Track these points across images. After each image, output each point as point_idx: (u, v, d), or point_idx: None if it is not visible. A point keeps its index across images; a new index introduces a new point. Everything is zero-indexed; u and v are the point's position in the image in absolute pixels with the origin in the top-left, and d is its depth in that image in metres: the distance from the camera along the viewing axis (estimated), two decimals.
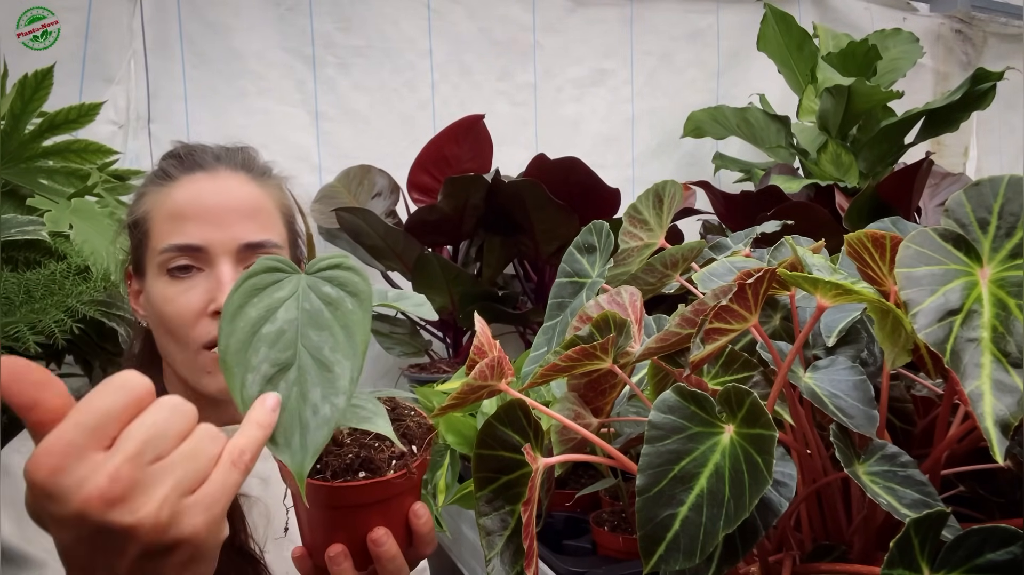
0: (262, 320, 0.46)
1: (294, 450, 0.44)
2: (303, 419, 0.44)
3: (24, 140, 1.11)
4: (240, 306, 0.46)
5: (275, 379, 0.44)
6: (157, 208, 0.83)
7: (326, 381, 0.45)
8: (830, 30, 1.99)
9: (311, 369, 0.45)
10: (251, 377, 0.44)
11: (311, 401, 0.44)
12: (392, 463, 0.56)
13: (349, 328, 0.46)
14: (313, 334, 0.46)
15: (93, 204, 1.10)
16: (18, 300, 0.89)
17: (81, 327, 0.94)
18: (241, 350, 0.44)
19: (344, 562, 0.56)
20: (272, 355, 0.45)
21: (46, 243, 0.98)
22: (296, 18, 1.68)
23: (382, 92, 1.77)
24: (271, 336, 0.45)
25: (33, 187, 1.11)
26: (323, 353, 0.45)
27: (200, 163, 0.85)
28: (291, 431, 0.44)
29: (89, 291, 0.94)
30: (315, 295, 0.47)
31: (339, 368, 0.45)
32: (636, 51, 2.02)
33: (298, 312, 0.46)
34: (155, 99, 1.55)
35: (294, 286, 0.47)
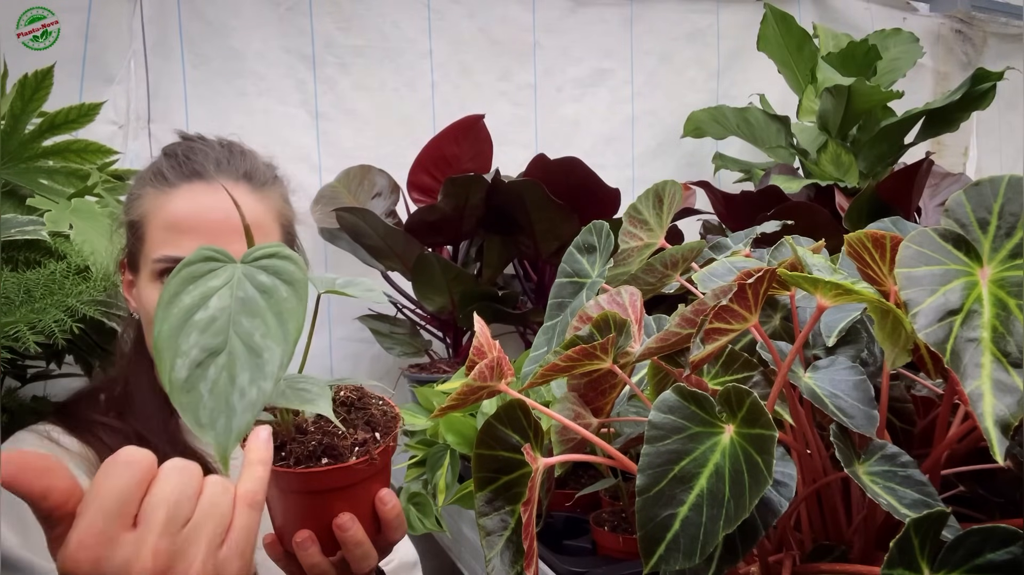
0: (195, 307, 0.47)
1: (219, 432, 0.45)
2: (230, 403, 0.45)
3: (24, 140, 1.11)
4: (175, 294, 0.47)
5: (204, 363, 0.45)
6: (154, 214, 0.83)
7: (255, 366, 0.45)
8: (830, 30, 1.99)
9: (241, 354, 0.46)
10: (180, 361, 0.45)
11: (239, 385, 0.45)
12: (355, 450, 0.57)
13: (282, 315, 0.47)
14: (245, 321, 0.47)
15: (93, 204, 1.10)
16: (18, 300, 0.89)
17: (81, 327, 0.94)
18: (172, 335, 0.46)
19: (311, 547, 0.58)
20: (203, 341, 0.46)
21: (46, 243, 0.98)
22: (296, 18, 1.68)
23: (382, 92, 1.77)
24: (203, 323, 0.46)
25: (33, 187, 1.11)
26: (254, 339, 0.46)
27: (200, 171, 0.84)
28: (217, 414, 0.45)
29: (89, 291, 0.94)
30: (250, 283, 0.48)
31: (268, 354, 0.46)
32: (636, 51, 2.02)
33: (231, 300, 0.47)
34: (155, 99, 1.55)
35: (229, 275, 0.48)
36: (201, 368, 0.45)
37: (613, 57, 2.00)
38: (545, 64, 1.92)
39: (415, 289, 1.58)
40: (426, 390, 1.25)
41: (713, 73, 2.11)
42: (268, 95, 1.66)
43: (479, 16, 1.84)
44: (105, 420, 0.83)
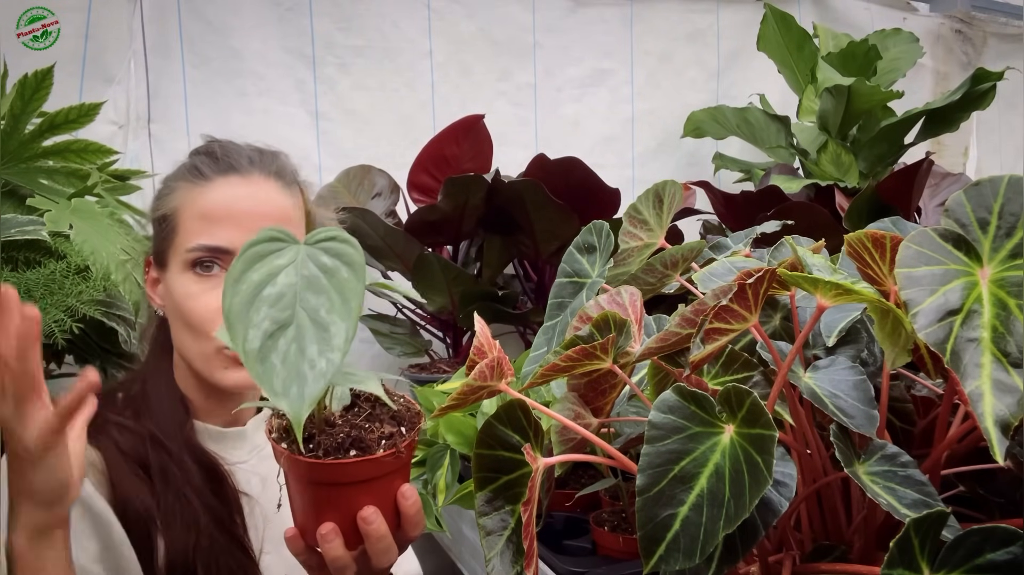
0: (263, 283, 0.49)
1: (292, 399, 0.47)
2: (301, 372, 0.47)
3: (24, 140, 1.10)
4: (243, 271, 0.50)
5: (275, 335, 0.48)
6: (188, 205, 0.84)
7: (322, 339, 0.48)
8: (830, 30, 1.99)
9: (308, 328, 0.48)
10: (253, 332, 0.48)
11: (308, 356, 0.48)
12: (382, 443, 0.58)
13: (344, 294, 0.49)
14: (311, 297, 0.49)
15: (93, 204, 1.09)
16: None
17: (81, 327, 0.94)
18: (243, 309, 0.48)
19: (335, 539, 0.58)
20: (272, 314, 0.48)
21: (46, 243, 0.98)
22: (296, 18, 1.67)
23: (382, 92, 1.77)
24: (272, 297, 0.49)
25: (33, 187, 1.11)
26: (320, 314, 0.49)
27: (235, 166, 0.86)
28: (289, 382, 0.47)
29: (89, 291, 0.94)
30: (313, 263, 0.50)
31: (335, 328, 0.48)
32: (636, 51, 2.02)
33: (297, 277, 0.50)
34: (155, 99, 1.55)
35: (293, 254, 0.51)
36: (272, 340, 0.48)
37: (613, 57, 1.99)
38: (545, 64, 1.92)
39: (415, 289, 1.58)
40: (426, 390, 1.25)
41: (713, 73, 2.11)
42: (268, 95, 1.66)
43: (479, 16, 1.84)
44: (120, 420, 0.83)
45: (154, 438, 0.82)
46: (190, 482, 0.80)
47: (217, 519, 0.80)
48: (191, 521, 0.79)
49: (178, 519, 0.79)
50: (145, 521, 0.78)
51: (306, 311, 0.49)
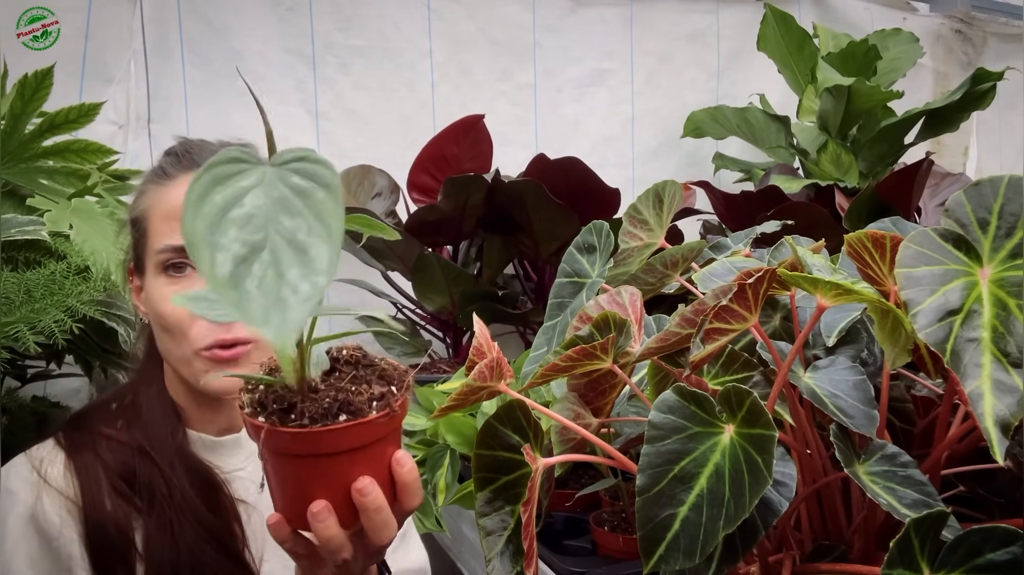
0: (228, 205, 0.44)
1: (275, 327, 0.41)
2: (281, 297, 0.42)
3: (24, 140, 1.11)
4: (203, 193, 0.44)
5: (248, 259, 0.42)
6: (155, 207, 0.83)
7: (303, 262, 0.43)
8: (830, 30, 1.99)
9: (285, 251, 0.43)
10: (221, 256, 0.42)
11: (289, 280, 0.42)
12: (373, 404, 0.53)
13: (322, 216, 0.44)
14: (285, 219, 0.44)
15: (93, 204, 1.09)
16: (18, 300, 0.89)
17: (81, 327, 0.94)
18: (208, 232, 0.43)
19: (328, 517, 0.53)
20: (243, 236, 0.43)
21: (46, 243, 0.98)
22: (296, 18, 1.67)
23: (382, 92, 1.77)
24: (240, 219, 0.43)
25: (33, 187, 1.11)
26: (297, 236, 0.43)
27: (197, 162, 0.84)
28: (270, 309, 0.41)
29: (89, 291, 0.94)
30: (283, 184, 0.45)
31: (315, 251, 0.43)
32: (636, 51, 2.01)
33: (267, 199, 0.44)
34: (155, 99, 1.55)
35: (260, 176, 0.45)
36: (245, 265, 0.42)
37: (613, 57, 1.99)
38: (545, 64, 1.92)
39: (415, 289, 1.58)
40: (426, 390, 1.25)
41: (713, 73, 2.11)
42: (268, 95, 1.66)
43: (479, 16, 1.84)
44: (111, 433, 0.82)
45: (143, 451, 0.80)
46: (182, 497, 0.79)
47: (210, 534, 0.79)
48: (175, 541, 0.77)
49: (161, 540, 0.77)
50: (121, 550, 0.77)
51: (280, 234, 0.43)
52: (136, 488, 0.79)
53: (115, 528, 0.77)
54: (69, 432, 0.83)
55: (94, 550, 0.77)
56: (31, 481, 0.79)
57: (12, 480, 0.80)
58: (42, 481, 0.79)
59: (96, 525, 0.77)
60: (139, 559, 0.78)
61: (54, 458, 0.81)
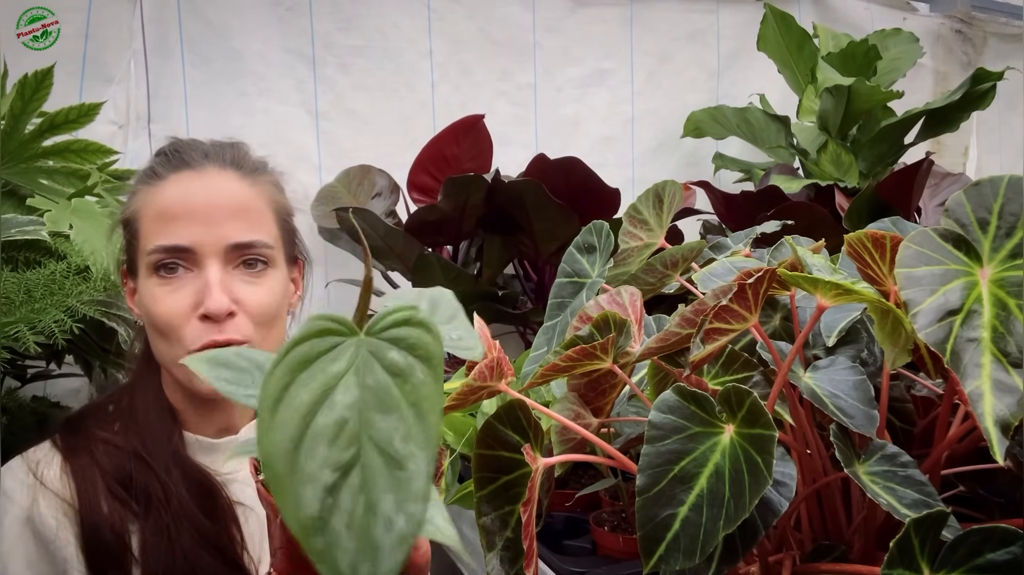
0: (316, 406, 0.34)
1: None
2: (372, 539, 0.33)
3: (24, 140, 1.11)
4: (284, 387, 0.35)
5: (337, 488, 0.33)
6: (145, 207, 0.82)
7: (398, 483, 0.34)
8: (830, 30, 1.99)
9: (379, 470, 0.34)
10: (309, 491, 0.33)
11: (382, 514, 0.33)
12: None
13: (420, 408, 0.35)
14: (380, 420, 0.35)
15: (93, 204, 1.10)
16: (18, 300, 0.89)
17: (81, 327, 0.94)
18: (292, 452, 0.33)
19: None
20: (333, 456, 0.34)
21: (46, 243, 0.98)
22: (296, 18, 1.67)
23: (382, 92, 1.77)
24: (330, 429, 0.34)
25: (33, 187, 1.11)
26: (393, 445, 0.34)
27: (187, 161, 0.83)
28: (360, 558, 0.33)
29: (89, 291, 0.94)
30: (379, 365, 0.36)
31: (413, 464, 0.34)
32: (636, 51, 2.01)
33: (360, 391, 0.35)
34: (155, 99, 1.55)
35: (353, 354, 0.36)
36: (333, 495, 0.33)
37: (613, 57, 1.99)
38: (545, 64, 1.92)
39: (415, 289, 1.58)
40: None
41: (713, 73, 2.11)
42: (268, 95, 1.66)
43: (479, 16, 1.84)
44: (107, 437, 0.81)
45: (139, 456, 0.80)
46: (179, 503, 0.78)
47: (207, 540, 0.79)
48: (171, 547, 0.77)
49: (157, 546, 0.77)
50: (117, 553, 0.77)
51: (375, 442, 0.34)
52: (132, 492, 0.79)
53: (111, 532, 0.77)
54: (65, 435, 0.83)
55: (90, 553, 0.77)
56: (27, 483, 0.79)
57: (8, 482, 0.80)
58: (38, 483, 0.79)
59: (92, 528, 0.77)
60: (135, 564, 0.77)
61: (50, 460, 0.81)
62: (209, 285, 0.79)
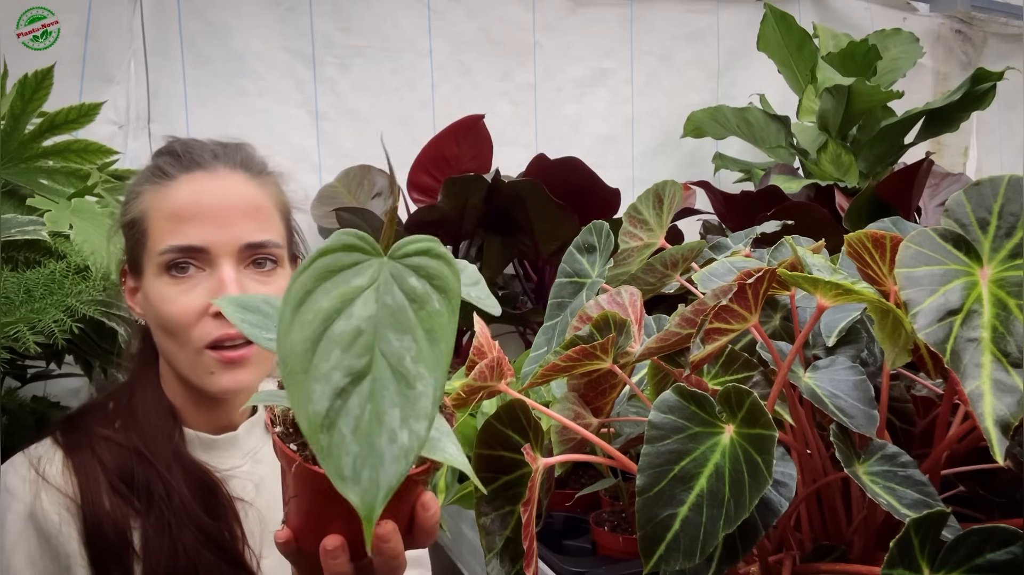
0: (335, 313, 0.36)
1: (364, 486, 0.34)
2: (376, 448, 0.34)
3: (24, 140, 1.11)
4: (308, 291, 0.36)
5: (347, 392, 0.35)
6: (155, 207, 0.83)
7: (406, 400, 0.35)
8: (830, 30, 1.99)
9: (389, 383, 0.35)
10: (320, 388, 0.35)
11: (387, 425, 0.35)
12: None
13: (433, 334, 0.37)
14: (394, 338, 0.36)
15: (93, 204, 1.10)
16: (18, 300, 0.89)
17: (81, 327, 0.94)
18: (308, 352, 0.35)
19: (341, 555, 0.53)
20: (346, 361, 0.35)
21: (46, 243, 0.98)
22: (296, 18, 1.67)
23: (382, 92, 1.77)
24: (345, 336, 0.35)
25: (33, 187, 1.11)
26: (404, 363, 0.36)
27: (199, 162, 0.84)
28: (362, 463, 0.34)
29: (89, 291, 0.94)
30: (399, 288, 0.37)
31: (422, 384, 0.36)
32: (636, 51, 2.01)
33: (378, 307, 0.36)
34: (155, 99, 1.55)
35: (375, 273, 0.37)
36: (342, 398, 0.35)
37: (613, 57, 1.99)
38: (545, 64, 1.92)
39: None
40: None
41: (713, 73, 2.11)
42: (268, 95, 1.66)
43: (479, 16, 1.84)
44: (108, 434, 0.82)
45: (140, 454, 0.80)
46: (180, 501, 0.79)
47: (208, 537, 0.79)
48: (173, 544, 0.77)
49: (159, 543, 0.77)
50: (119, 549, 0.77)
51: (387, 357, 0.35)
52: (134, 489, 0.79)
53: (113, 527, 0.78)
54: (66, 432, 0.84)
55: (93, 548, 0.77)
56: (29, 479, 0.80)
57: (11, 478, 0.80)
58: (40, 479, 0.79)
59: (95, 523, 0.78)
60: (137, 559, 0.78)
61: (52, 456, 0.81)
62: (225, 284, 0.80)
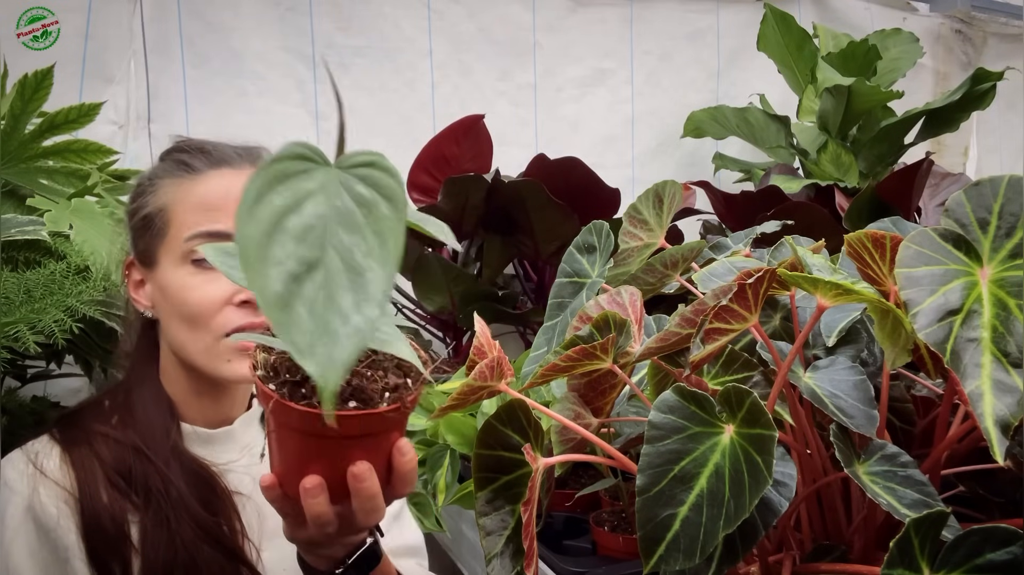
0: (287, 210, 0.40)
1: (319, 361, 0.38)
2: (330, 327, 0.38)
3: (24, 140, 1.10)
4: (263, 192, 0.40)
5: (301, 278, 0.39)
6: (180, 199, 0.83)
7: (358, 287, 0.39)
8: (830, 30, 1.99)
9: (340, 273, 0.39)
10: (275, 271, 0.39)
11: (340, 308, 0.39)
12: (385, 395, 0.52)
13: (383, 235, 0.40)
14: (344, 235, 0.40)
15: (93, 204, 1.09)
16: (18, 300, 0.89)
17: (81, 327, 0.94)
18: (264, 241, 0.39)
19: (320, 495, 0.54)
20: (299, 251, 0.39)
21: (46, 243, 0.98)
22: (296, 18, 1.67)
23: (382, 92, 1.77)
24: (298, 230, 0.39)
25: (33, 187, 1.11)
26: (354, 257, 0.40)
27: (226, 159, 0.86)
28: (316, 339, 0.38)
29: (89, 291, 0.94)
30: (347, 193, 0.41)
31: (372, 275, 0.39)
32: (636, 51, 2.01)
33: (328, 208, 0.40)
34: (155, 99, 1.55)
35: (324, 179, 0.41)
36: (297, 283, 0.39)
37: (613, 57, 1.99)
38: (545, 64, 1.92)
39: (415, 289, 1.58)
40: (426, 390, 1.25)
41: (713, 73, 2.11)
42: (268, 95, 1.66)
43: (479, 16, 1.84)
44: (105, 430, 0.82)
45: (138, 450, 0.81)
46: (178, 496, 0.79)
47: (207, 532, 0.80)
48: (171, 538, 0.78)
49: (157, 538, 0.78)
50: (117, 542, 0.78)
51: (338, 251, 0.40)
52: (132, 484, 0.80)
53: (111, 521, 0.78)
54: (63, 428, 0.84)
55: (91, 541, 0.78)
56: (27, 474, 0.80)
57: (9, 473, 0.81)
58: (38, 473, 0.80)
59: (93, 516, 0.78)
60: (135, 553, 0.78)
61: (49, 451, 0.82)
62: None
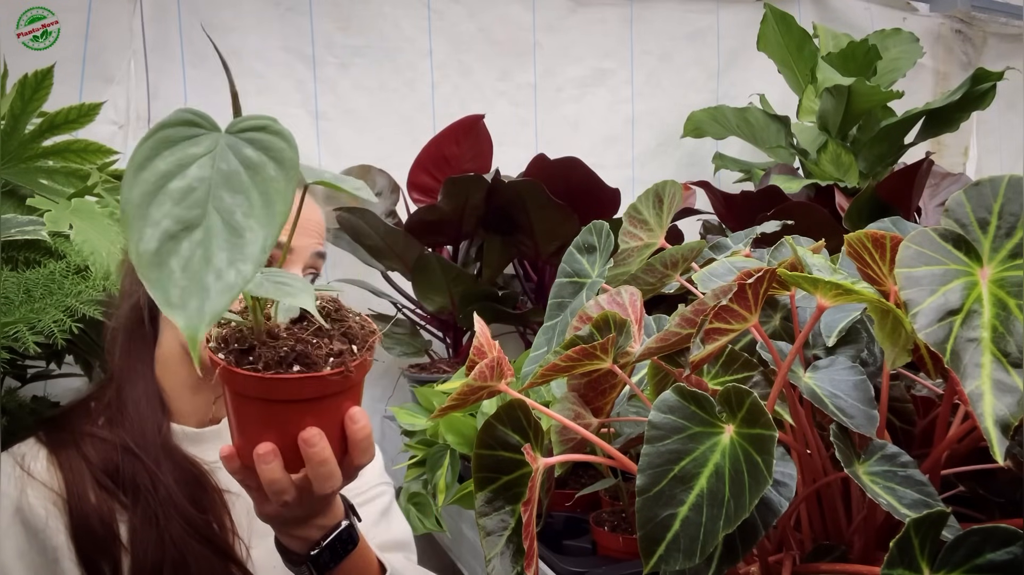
0: (171, 174, 0.42)
1: (190, 313, 0.40)
2: (203, 283, 0.40)
3: (24, 140, 1.10)
4: (148, 158, 0.42)
5: (178, 237, 0.41)
6: None
7: (234, 246, 0.41)
8: (830, 30, 1.99)
9: (219, 232, 0.41)
10: (150, 231, 0.41)
11: (215, 265, 0.40)
12: (329, 360, 0.54)
13: (268, 195, 0.42)
14: (227, 196, 0.42)
15: (93, 204, 1.09)
16: (18, 300, 0.89)
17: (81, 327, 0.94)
18: (143, 203, 0.41)
19: (273, 461, 0.55)
20: (177, 212, 0.41)
21: (46, 243, 0.98)
22: (296, 18, 1.67)
23: (382, 92, 1.77)
24: (178, 192, 0.42)
25: (33, 187, 1.10)
26: (235, 217, 0.41)
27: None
28: (188, 294, 0.40)
29: (89, 291, 0.94)
30: (234, 156, 0.43)
31: (250, 235, 0.41)
32: (636, 51, 2.01)
33: (212, 171, 0.42)
34: (155, 99, 1.55)
35: (211, 143, 0.44)
36: (174, 241, 0.41)
37: (613, 57, 1.99)
38: (545, 64, 1.92)
39: (415, 289, 1.58)
40: (426, 390, 1.25)
41: (713, 73, 2.11)
42: (268, 95, 1.66)
43: (479, 16, 1.84)
44: (92, 431, 0.82)
45: (127, 448, 0.81)
46: (167, 493, 0.79)
47: (196, 530, 0.80)
48: (160, 536, 0.78)
49: (146, 536, 0.78)
50: (106, 542, 0.78)
51: (219, 212, 0.41)
52: (120, 484, 0.80)
53: (100, 521, 0.78)
54: (49, 430, 0.84)
55: (80, 541, 0.78)
56: (14, 476, 0.80)
57: None
58: (26, 475, 0.80)
59: (81, 517, 0.78)
60: (124, 552, 0.78)
61: (36, 454, 0.82)
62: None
